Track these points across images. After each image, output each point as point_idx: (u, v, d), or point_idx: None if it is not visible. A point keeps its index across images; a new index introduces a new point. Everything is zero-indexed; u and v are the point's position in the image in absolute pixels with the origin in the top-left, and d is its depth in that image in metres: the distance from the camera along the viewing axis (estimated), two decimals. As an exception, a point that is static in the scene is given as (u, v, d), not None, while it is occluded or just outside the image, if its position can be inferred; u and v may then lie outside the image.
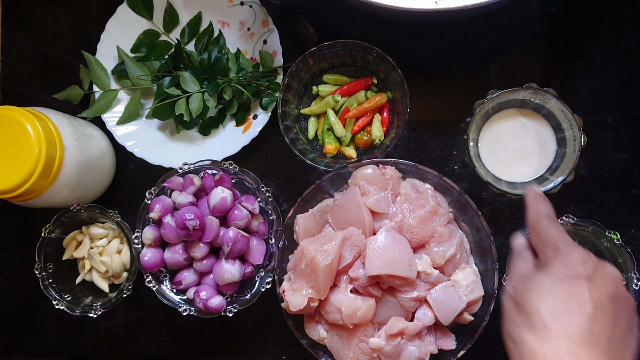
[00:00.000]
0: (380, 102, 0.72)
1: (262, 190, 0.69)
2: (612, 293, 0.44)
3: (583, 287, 0.44)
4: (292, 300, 0.62)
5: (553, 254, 0.48)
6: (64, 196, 0.68)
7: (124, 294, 0.71)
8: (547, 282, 0.45)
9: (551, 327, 0.42)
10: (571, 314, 0.42)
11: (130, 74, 0.74)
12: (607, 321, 0.43)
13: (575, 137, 0.64)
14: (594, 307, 0.43)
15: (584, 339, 0.41)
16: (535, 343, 0.42)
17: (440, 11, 0.58)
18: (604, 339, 0.42)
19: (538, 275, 0.47)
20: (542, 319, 0.43)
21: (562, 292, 0.44)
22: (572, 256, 0.47)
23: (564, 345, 0.41)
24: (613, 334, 0.43)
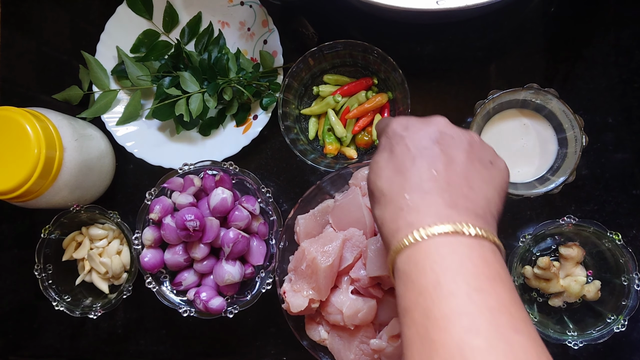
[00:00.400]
0: (381, 103, 0.72)
1: (262, 190, 0.69)
2: (436, 136, 0.45)
3: (402, 145, 0.45)
4: (292, 301, 0.61)
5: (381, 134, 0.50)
6: (64, 197, 0.68)
7: (124, 295, 0.71)
8: (378, 158, 0.47)
9: (387, 192, 0.44)
10: (401, 172, 0.44)
11: (130, 74, 0.74)
12: (438, 163, 0.43)
13: (577, 137, 0.64)
14: (418, 156, 0.44)
15: (419, 188, 0.42)
16: (381, 211, 0.44)
17: (441, 11, 0.57)
18: (440, 181, 0.43)
19: (372, 158, 0.48)
20: (380, 190, 0.45)
21: (387, 158, 0.46)
22: (393, 125, 0.48)
23: (402, 201, 0.42)
24: (450, 172, 0.43)
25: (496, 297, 0.37)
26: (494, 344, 0.35)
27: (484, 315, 0.36)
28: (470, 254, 0.39)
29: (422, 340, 0.37)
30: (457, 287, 0.37)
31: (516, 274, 0.66)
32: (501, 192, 0.46)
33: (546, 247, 0.70)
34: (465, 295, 0.37)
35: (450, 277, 0.38)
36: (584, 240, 0.68)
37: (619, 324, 0.62)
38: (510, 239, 0.71)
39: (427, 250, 0.40)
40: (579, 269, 0.67)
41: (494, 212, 0.44)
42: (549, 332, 0.64)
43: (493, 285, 0.38)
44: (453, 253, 0.39)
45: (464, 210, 0.41)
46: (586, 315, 0.67)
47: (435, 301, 0.37)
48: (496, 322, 0.36)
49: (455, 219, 0.40)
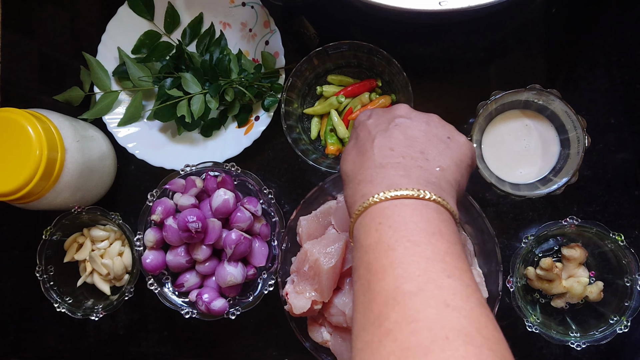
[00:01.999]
0: (384, 105, 0.71)
1: (264, 192, 0.69)
2: (395, 120, 0.50)
3: (365, 130, 0.51)
4: (295, 302, 0.61)
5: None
6: (65, 198, 0.68)
7: (125, 297, 0.71)
8: (347, 146, 0.52)
9: (350, 172, 0.49)
10: (362, 153, 0.49)
11: (131, 75, 0.74)
12: (395, 141, 0.48)
13: (579, 138, 0.64)
14: (377, 137, 0.49)
15: (375, 164, 0.47)
16: (345, 192, 0.49)
17: (443, 12, 0.57)
18: (396, 156, 0.47)
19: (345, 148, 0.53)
20: (345, 172, 0.50)
21: (353, 144, 0.51)
22: (359, 116, 0.54)
23: (360, 177, 0.47)
24: (407, 148, 0.48)
25: (432, 248, 0.40)
26: (423, 288, 0.38)
27: (417, 264, 0.39)
28: (412, 213, 0.43)
29: (365, 291, 0.41)
30: (396, 242, 0.41)
31: (519, 275, 0.66)
32: (459, 162, 0.50)
33: (549, 248, 0.70)
34: (402, 249, 0.40)
35: (391, 234, 0.41)
36: (586, 241, 0.68)
37: (621, 325, 0.62)
38: (513, 240, 0.71)
39: (373, 213, 0.44)
40: (581, 270, 0.67)
41: (450, 180, 0.48)
42: (551, 333, 0.64)
43: (431, 239, 0.41)
44: (396, 214, 0.43)
45: (415, 179, 0.45)
46: (589, 316, 0.67)
47: (377, 256, 0.41)
48: (429, 269, 0.39)
49: (404, 185, 0.44)
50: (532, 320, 0.64)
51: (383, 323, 0.37)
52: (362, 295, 0.41)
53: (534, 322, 0.64)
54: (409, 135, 0.49)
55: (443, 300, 0.37)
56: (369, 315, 0.39)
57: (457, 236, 0.44)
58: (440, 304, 0.37)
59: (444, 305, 0.37)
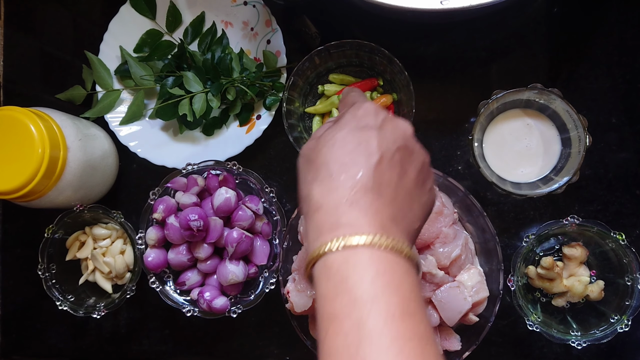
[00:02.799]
0: (386, 104, 0.72)
1: (266, 190, 0.69)
2: (401, 145, 0.44)
3: (371, 138, 0.43)
4: (296, 301, 0.61)
5: (346, 109, 0.47)
6: (67, 197, 0.68)
7: (127, 295, 0.71)
8: (338, 134, 0.44)
9: (336, 178, 0.41)
10: (357, 163, 0.41)
11: (133, 74, 0.74)
12: (393, 171, 0.42)
13: (580, 137, 0.64)
14: (380, 157, 0.42)
15: (367, 188, 0.40)
16: (321, 195, 0.41)
17: (445, 11, 0.57)
18: (389, 188, 0.41)
19: (330, 129, 0.45)
20: (329, 171, 0.42)
21: (350, 143, 0.43)
22: (363, 108, 0.46)
23: (346, 193, 0.40)
24: (399, 184, 0.42)
25: (412, 328, 0.37)
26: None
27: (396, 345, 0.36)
28: (402, 278, 0.38)
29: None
30: (378, 315, 0.36)
31: (520, 273, 0.66)
32: (428, 214, 0.46)
33: (549, 247, 0.70)
34: (382, 323, 0.36)
35: (371, 298, 0.37)
36: (587, 240, 0.68)
37: (622, 324, 0.63)
38: (514, 239, 0.71)
39: (352, 259, 0.38)
40: (582, 269, 0.67)
41: (418, 230, 0.45)
42: (552, 332, 0.64)
43: (409, 318, 0.37)
44: (383, 271, 0.38)
45: (401, 229, 0.41)
46: (589, 315, 0.67)
47: (348, 325, 0.36)
48: (404, 350, 0.35)
49: (392, 234, 0.39)
50: (533, 319, 0.64)
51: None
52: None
53: (535, 321, 0.64)
54: (405, 170, 0.43)
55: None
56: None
57: (414, 285, 0.40)
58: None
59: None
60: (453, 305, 0.62)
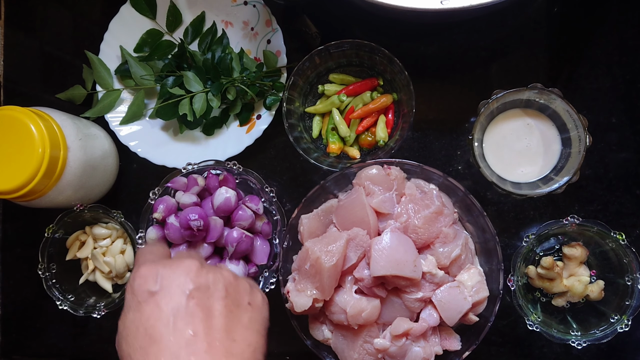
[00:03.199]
0: (386, 104, 0.72)
1: (266, 190, 0.69)
2: (189, 289, 0.42)
3: (152, 304, 0.41)
4: (296, 300, 0.61)
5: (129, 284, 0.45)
6: (68, 196, 0.68)
7: (127, 295, 0.71)
8: (124, 319, 0.43)
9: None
10: (155, 340, 0.40)
11: (134, 74, 0.74)
12: (196, 321, 0.40)
13: (580, 137, 0.64)
14: (172, 319, 0.40)
15: (175, 356, 0.39)
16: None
17: (445, 11, 0.57)
18: (200, 342, 0.40)
19: (120, 319, 0.44)
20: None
21: (137, 320, 0.42)
22: (137, 280, 0.44)
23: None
24: (209, 329, 0.41)
25: None
26: None
27: None
28: None
29: None
30: None
31: (520, 273, 0.66)
32: (263, 331, 0.45)
33: (549, 247, 0.70)
34: None
35: None
36: (587, 240, 0.68)
37: (622, 324, 0.63)
38: (514, 238, 0.71)
39: None
40: (582, 268, 0.67)
41: (259, 358, 0.43)
42: (552, 332, 0.64)
43: None
44: None
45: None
46: (590, 315, 0.67)
47: None
48: None
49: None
50: (533, 319, 0.64)
51: None
52: None
53: (535, 321, 0.64)
54: (209, 309, 0.42)
55: None
56: None
57: None
58: None
59: None
60: (453, 305, 0.62)
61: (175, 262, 0.44)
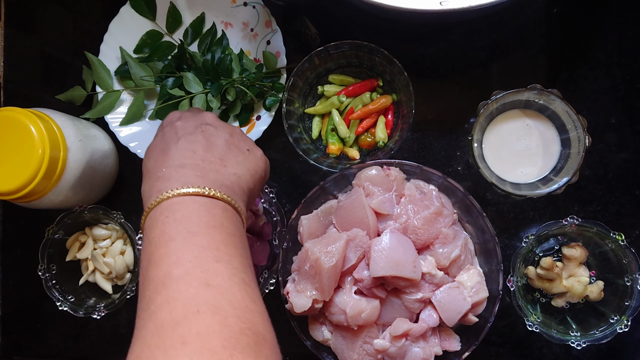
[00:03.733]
0: (385, 104, 0.72)
1: (265, 191, 0.69)
2: (201, 126, 0.53)
3: (172, 130, 0.53)
4: (296, 301, 0.61)
5: None
6: (68, 197, 0.68)
7: (127, 295, 0.71)
8: (153, 142, 0.55)
9: (151, 168, 0.51)
10: (165, 151, 0.51)
11: (133, 75, 0.74)
12: (198, 145, 0.51)
13: (580, 138, 0.64)
14: (181, 138, 0.52)
15: (175, 163, 0.49)
16: (143, 186, 0.51)
17: (444, 12, 0.57)
18: (196, 158, 0.50)
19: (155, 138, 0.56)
20: (146, 167, 0.52)
21: (158, 142, 0.54)
22: (169, 115, 0.57)
23: (159, 173, 0.49)
24: (208, 153, 0.51)
25: (209, 238, 0.45)
26: (190, 272, 0.42)
27: (190, 252, 0.43)
28: (199, 208, 0.46)
29: (143, 280, 0.44)
30: (177, 233, 0.44)
31: (519, 274, 0.66)
32: (254, 173, 0.54)
33: (549, 248, 0.70)
34: (181, 239, 0.44)
35: (174, 226, 0.45)
36: (587, 240, 0.68)
37: (622, 325, 0.63)
38: (513, 239, 0.71)
39: (163, 208, 0.46)
40: (582, 269, 0.68)
41: (243, 187, 0.52)
42: (552, 332, 0.64)
43: (210, 230, 0.45)
44: (183, 208, 0.46)
45: (210, 180, 0.49)
46: (589, 315, 0.67)
47: (158, 247, 0.44)
48: (200, 255, 0.43)
49: (198, 184, 0.48)
50: (533, 320, 0.64)
51: (150, 307, 0.41)
52: (141, 285, 0.44)
53: (535, 322, 0.64)
54: (212, 142, 0.52)
55: (204, 281, 0.41)
56: (142, 302, 0.43)
57: (239, 230, 0.48)
58: (201, 284, 0.41)
59: (204, 285, 0.41)
60: (453, 306, 0.62)
61: (197, 110, 0.57)
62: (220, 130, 0.54)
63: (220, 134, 0.54)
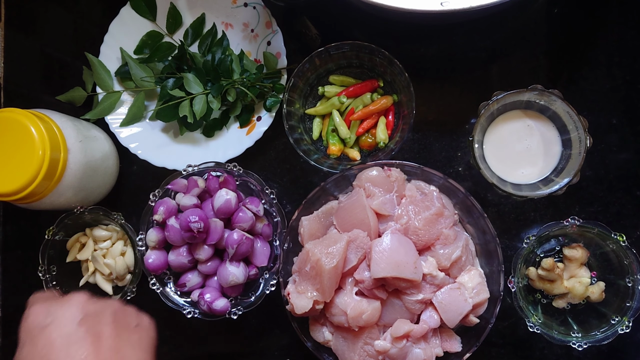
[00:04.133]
0: (386, 105, 0.72)
1: (266, 192, 0.69)
2: (78, 318, 0.47)
3: (44, 337, 0.47)
4: (297, 302, 0.61)
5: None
6: (68, 198, 0.68)
7: (127, 297, 0.71)
8: (19, 357, 0.48)
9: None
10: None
11: (134, 76, 0.74)
12: (86, 345, 0.46)
13: (581, 138, 0.64)
14: (64, 346, 0.46)
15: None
16: None
17: (445, 12, 0.57)
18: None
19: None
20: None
21: (30, 354, 0.48)
22: (30, 317, 0.50)
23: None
24: (99, 350, 0.46)
25: None
26: None
27: None
28: None
29: None
30: None
31: (520, 275, 0.66)
32: (151, 350, 0.51)
33: (550, 249, 0.70)
34: None
35: None
36: (588, 241, 0.68)
37: (623, 326, 0.62)
38: (514, 240, 0.71)
39: None
40: (583, 270, 0.67)
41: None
42: (553, 333, 0.64)
43: None
44: None
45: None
46: (590, 316, 0.67)
47: None
48: None
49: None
50: (534, 321, 0.64)
51: None
52: None
53: (536, 323, 0.64)
54: (98, 333, 0.47)
55: None
56: None
57: None
58: None
59: None
60: (454, 307, 0.62)
61: (64, 298, 0.50)
62: (101, 315, 0.49)
63: (103, 319, 0.49)
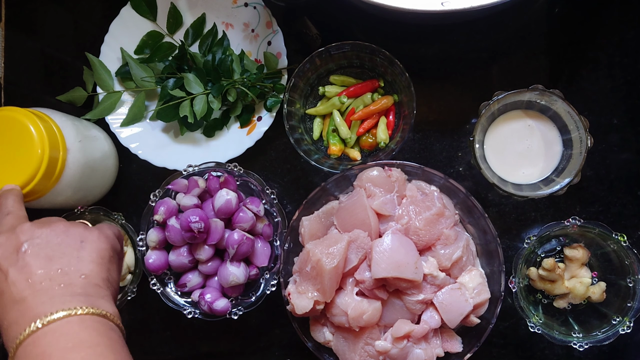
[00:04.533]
0: (387, 105, 0.72)
1: (266, 192, 0.69)
2: (21, 246, 0.49)
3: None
4: (297, 303, 0.61)
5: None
6: (67, 197, 0.68)
7: (128, 297, 0.71)
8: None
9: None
10: (1, 294, 0.48)
11: (134, 76, 0.74)
12: (32, 269, 0.48)
13: (582, 138, 0.64)
14: (11, 271, 0.48)
15: (19, 300, 0.47)
16: (3, 339, 0.48)
17: (446, 12, 0.57)
18: (37, 285, 0.48)
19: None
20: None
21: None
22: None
23: (7, 318, 0.47)
24: (46, 271, 0.48)
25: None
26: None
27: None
28: (50, 342, 0.45)
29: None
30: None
31: (521, 275, 0.66)
32: (101, 261, 0.52)
33: (551, 249, 0.70)
34: None
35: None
36: (589, 241, 0.67)
37: (624, 326, 0.62)
38: (515, 240, 0.71)
39: (24, 353, 0.45)
40: (584, 270, 0.67)
41: (97, 282, 0.51)
42: (554, 333, 0.64)
43: (67, 355, 0.45)
44: (35, 351, 0.45)
45: (59, 299, 0.47)
46: (591, 316, 0.67)
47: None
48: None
49: (48, 311, 0.46)
50: (535, 321, 0.64)
51: None
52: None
53: (537, 323, 0.64)
54: (42, 257, 0.49)
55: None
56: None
57: (105, 335, 0.47)
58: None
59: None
60: (454, 307, 0.61)
61: (13, 229, 0.52)
62: (46, 239, 0.51)
63: (49, 242, 0.51)
